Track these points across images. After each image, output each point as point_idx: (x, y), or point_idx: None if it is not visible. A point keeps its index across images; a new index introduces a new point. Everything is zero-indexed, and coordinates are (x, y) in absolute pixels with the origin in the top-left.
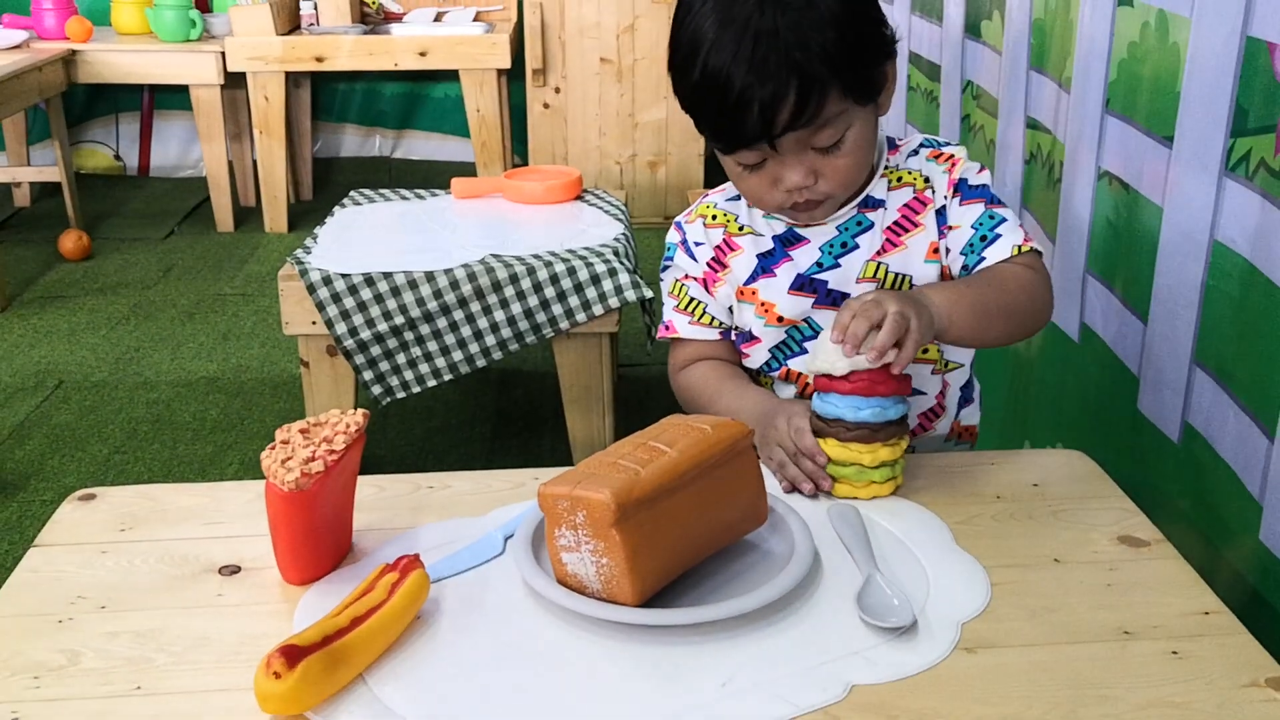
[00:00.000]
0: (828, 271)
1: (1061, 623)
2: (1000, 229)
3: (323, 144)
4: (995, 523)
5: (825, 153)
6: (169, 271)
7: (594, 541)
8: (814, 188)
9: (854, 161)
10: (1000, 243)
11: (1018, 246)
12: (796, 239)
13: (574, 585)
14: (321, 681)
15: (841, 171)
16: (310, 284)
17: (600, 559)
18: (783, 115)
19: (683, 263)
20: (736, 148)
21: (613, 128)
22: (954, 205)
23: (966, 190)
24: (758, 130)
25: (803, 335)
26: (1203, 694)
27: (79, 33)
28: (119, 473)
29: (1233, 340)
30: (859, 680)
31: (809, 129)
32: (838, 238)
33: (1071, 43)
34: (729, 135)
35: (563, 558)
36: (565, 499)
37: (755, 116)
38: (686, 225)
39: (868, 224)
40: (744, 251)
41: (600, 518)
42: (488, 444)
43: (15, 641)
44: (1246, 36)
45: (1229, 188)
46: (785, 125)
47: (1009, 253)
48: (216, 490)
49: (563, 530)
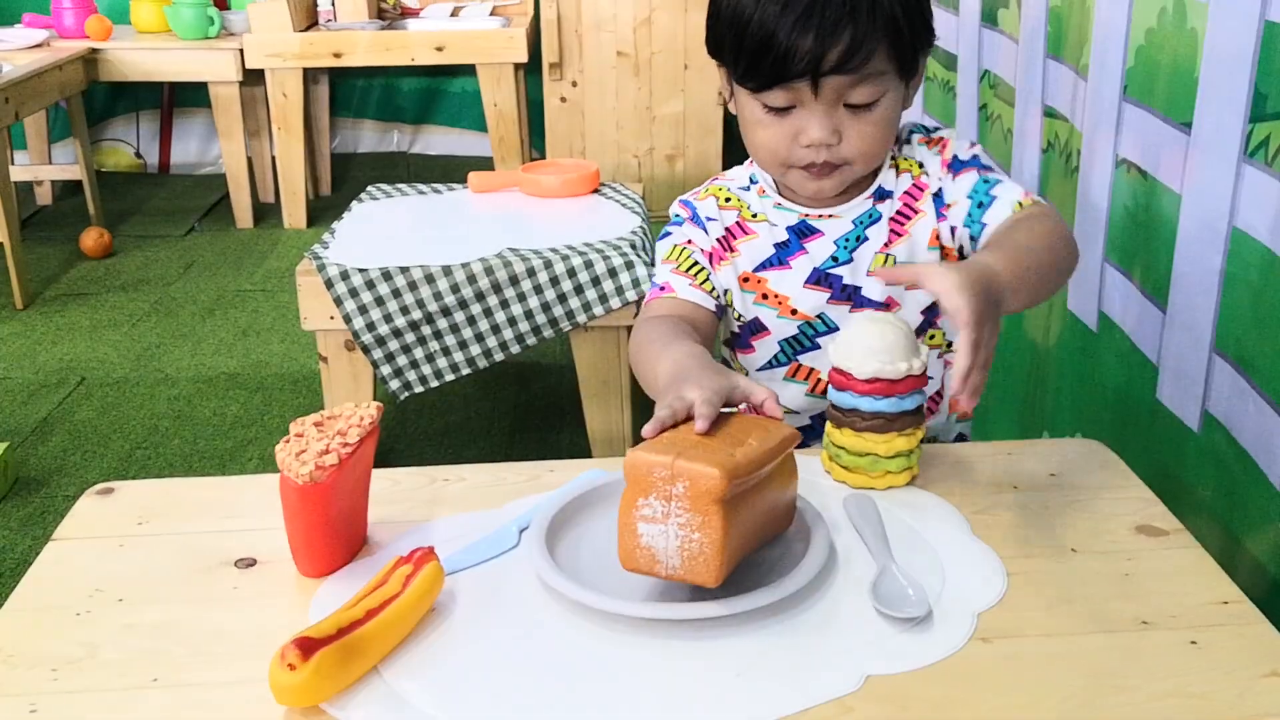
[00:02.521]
0: (842, 266)
1: (1079, 613)
2: (995, 190)
3: (341, 140)
4: (1012, 513)
5: (856, 112)
6: (189, 268)
7: (689, 515)
8: (836, 148)
9: (880, 132)
10: (998, 204)
11: (1018, 203)
12: (810, 231)
13: (644, 560)
14: (336, 674)
15: (866, 138)
16: (328, 279)
17: (691, 534)
18: (832, 55)
19: (690, 232)
20: (773, 84)
21: (630, 121)
22: (949, 183)
23: (958, 165)
24: (804, 65)
25: (815, 331)
26: (1222, 684)
27: (99, 31)
28: (140, 468)
29: (1253, 328)
30: (875, 670)
31: (853, 76)
32: (852, 231)
33: (1089, 30)
34: (771, 68)
35: (640, 529)
36: (664, 468)
37: (807, 50)
38: (696, 202)
39: (877, 216)
40: (759, 238)
41: (706, 490)
42: (506, 438)
43: (34, 634)
44: (1265, 21)
45: (1248, 174)
46: (833, 65)
47: (1010, 211)
48: (233, 484)
49: (650, 500)
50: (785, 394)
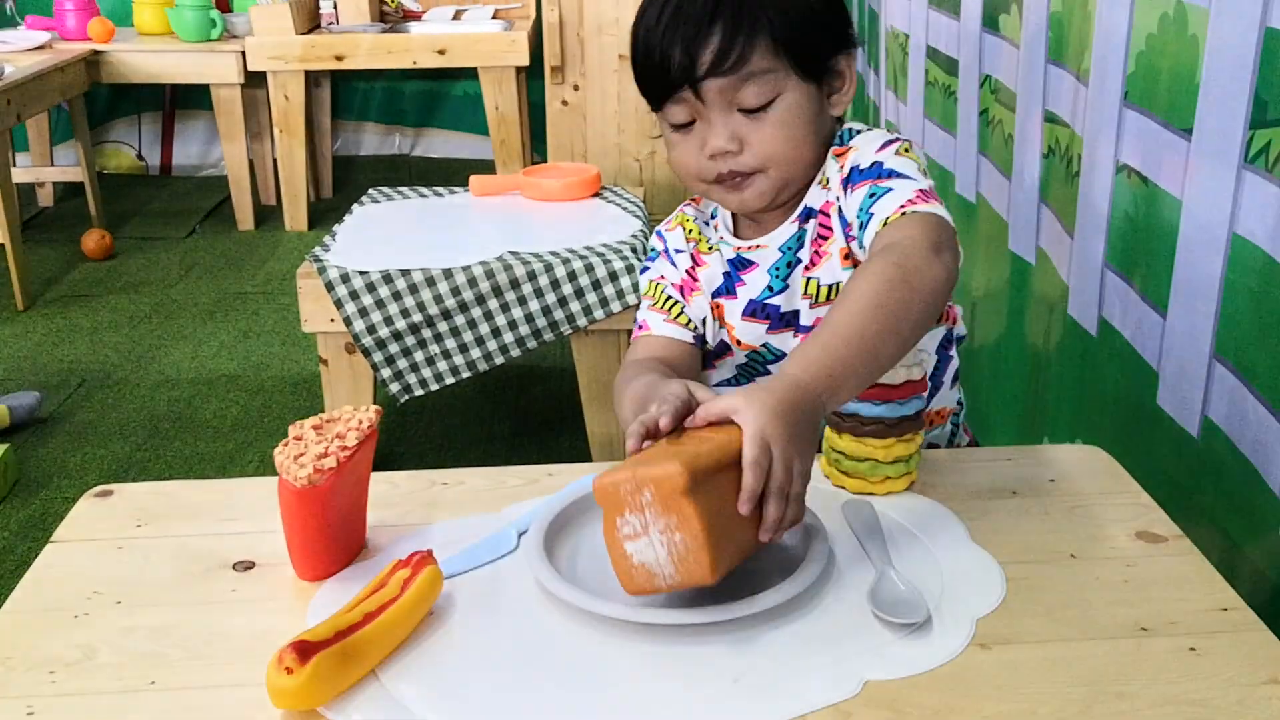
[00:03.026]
0: (778, 295)
1: (1078, 619)
2: (874, 208)
3: (342, 142)
4: (1011, 518)
5: (752, 116)
6: (190, 270)
7: (664, 519)
8: (739, 157)
9: (783, 134)
10: (871, 224)
11: (884, 219)
12: (746, 264)
13: (641, 579)
14: (334, 677)
15: (767, 141)
16: (328, 282)
17: (673, 536)
18: (705, 57)
19: (663, 268)
20: (663, 99)
21: (631, 125)
22: (845, 200)
23: (856, 177)
24: (680, 73)
25: (763, 359)
26: (1221, 691)
27: (101, 33)
28: (140, 470)
29: (1253, 334)
30: (872, 676)
31: (733, 77)
32: (781, 259)
33: (1089, 35)
34: (656, 82)
35: (627, 548)
36: (628, 481)
37: (679, 56)
38: (667, 234)
39: (804, 236)
40: (709, 268)
41: (671, 488)
42: (506, 442)
43: (31, 636)
44: (1266, 27)
45: (1248, 180)
46: (708, 68)
47: (874, 232)
48: (231, 486)
49: (626, 518)
50: None
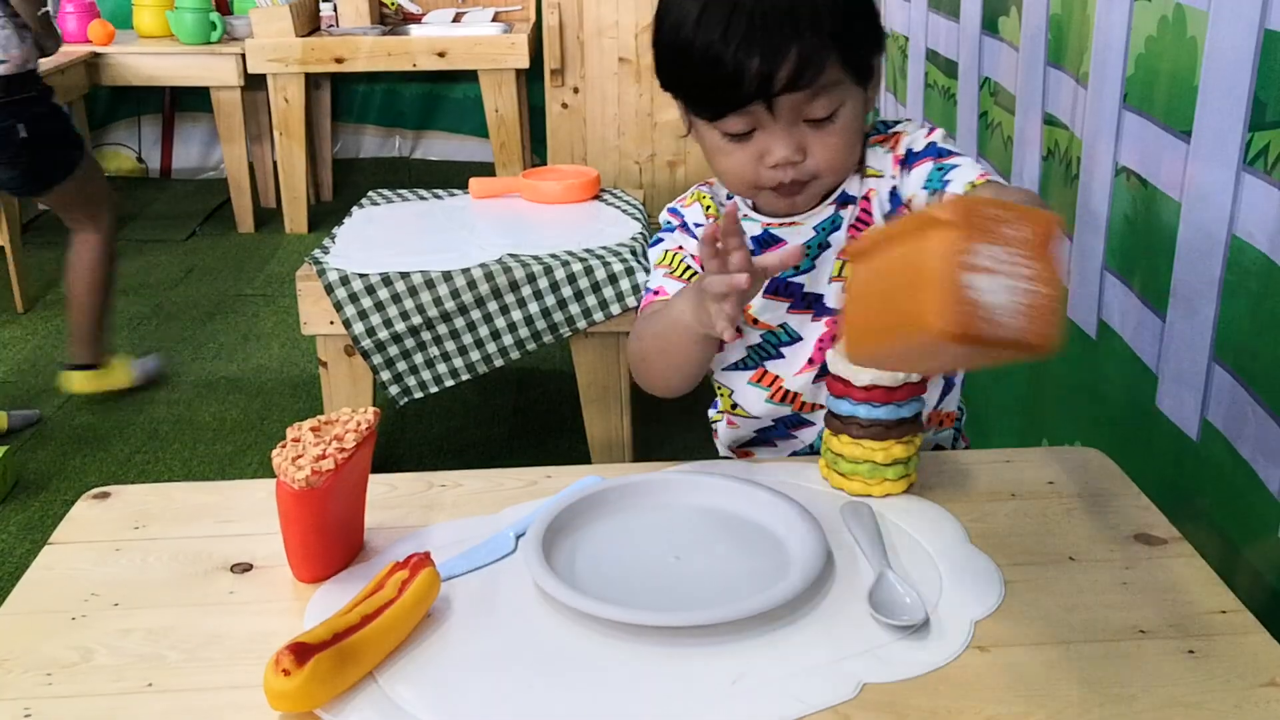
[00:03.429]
0: (803, 274)
1: (1076, 621)
2: (950, 175)
3: (342, 145)
4: (1010, 520)
5: (817, 126)
6: (190, 272)
7: (1034, 266)
8: (802, 165)
9: (845, 141)
10: (950, 188)
11: (970, 183)
12: (774, 240)
13: (974, 315)
14: (331, 679)
15: (831, 149)
16: (328, 284)
17: (1035, 287)
18: (782, 73)
19: (682, 239)
20: (728, 111)
21: (631, 127)
22: (903, 179)
23: (911, 158)
24: (755, 88)
25: (779, 340)
26: (1219, 694)
27: (101, 36)
28: (140, 472)
29: (1252, 336)
30: (871, 679)
31: (807, 92)
32: (814, 238)
33: (1089, 38)
34: (723, 95)
35: (971, 279)
36: (1009, 210)
37: (755, 72)
38: (683, 209)
39: (839, 221)
40: None
41: (1051, 237)
42: (506, 444)
43: (28, 638)
44: (1265, 29)
45: (1248, 182)
46: (784, 84)
47: (961, 190)
48: (229, 488)
49: (988, 249)
50: (747, 397)
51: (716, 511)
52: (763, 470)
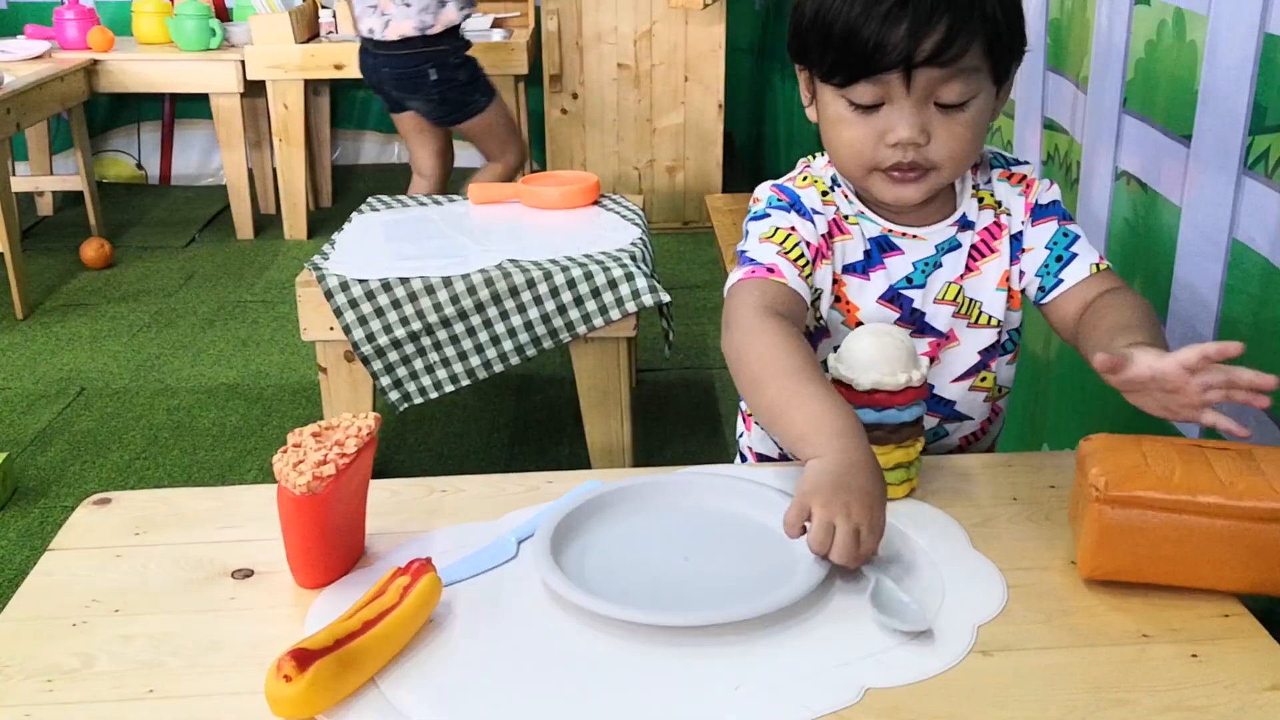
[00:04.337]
0: (915, 289)
1: (1079, 626)
2: (1075, 247)
3: (342, 151)
4: (1012, 525)
5: (946, 112)
6: (190, 279)
7: None
8: (924, 150)
9: (970, 134)
10: (1077, 262)
11: (1094, 265)
12: (891, 247)
13: None
14: (332, 685)
15: (956, 139)
16: (328, 290)
17: None
18: (927, 45)
19: (795, 220)
20: (861, 77)
21: (630, 133)
22: (1029, 229)
23: (1039, 212)
24: (897, 56)
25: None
26: (1223, 698)
27: (100, 42)
28: (139, 479)
29: (1252, 340)
30: (873, 683)
31: (947, 69)
32: (933, 256)
33: (1088, 42)
34: (861, 59)
35: None
36: None
37: (899, 40)
38: (798, 190)
39: (956, 244)
40: (852, 239)
41: None
42: (506, 450)
43: (29, 644)
44: (1264, 33)
45: (1248, 186)
46: (928, 55)
47: (1087, 272)
48: (230, 494)
49: None
50: None
51: (725, 513)
52: (768, 474)
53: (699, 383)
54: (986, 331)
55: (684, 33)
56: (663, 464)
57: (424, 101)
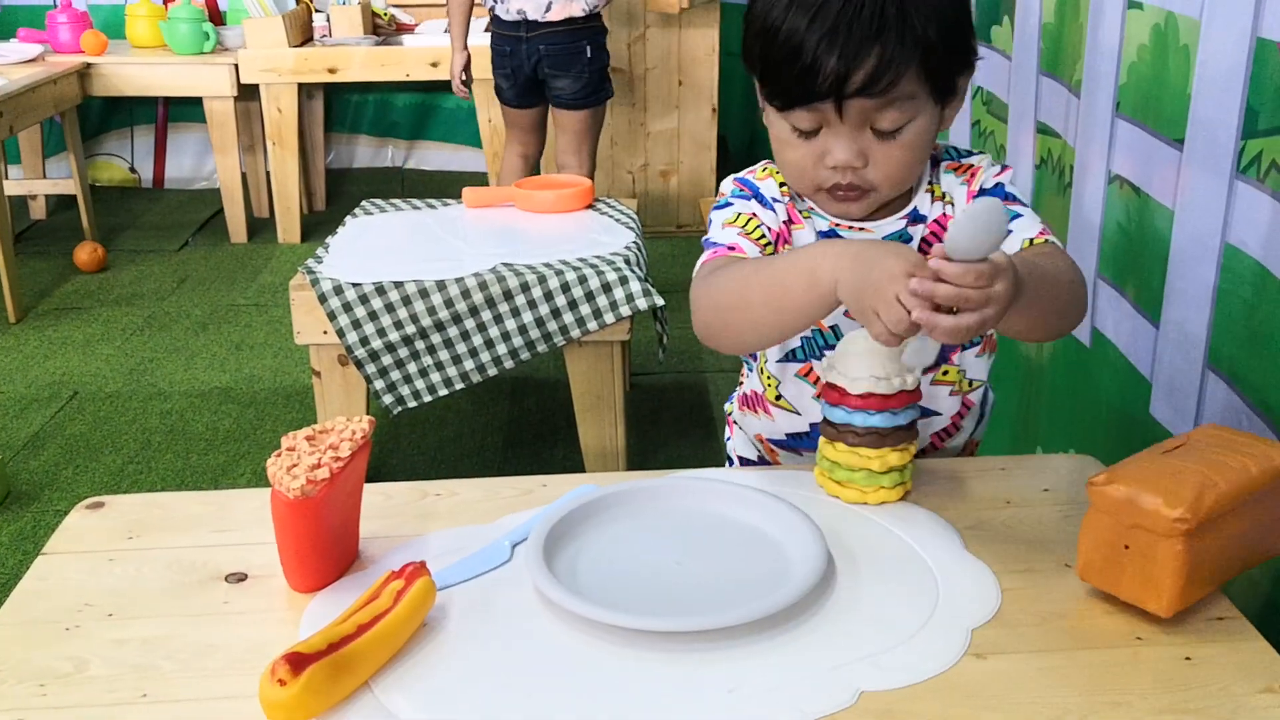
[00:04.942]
0: None
1: (1072, 628)
2: (1016, 223)
3: (336, 155)
4: (1006, 528)
5: (883, 137)
6: (183, 283)
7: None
8: (861, 173)
9: (909, 157)
10: (1010, 239)
11: (1029, 240)
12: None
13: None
14: (326, 689)
15: (893, 163)
16: (321, 293)
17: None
18: (858, 76)
19: (755, 208)
20: (798, 105)
21: (624, 137)
22: None
23: (982, 194)
24: (828, 87)
25: (825, 342)
26: (1216, 700)
27: (94, 46)
28: (132, 483)
29: (1246, 343)
30: (868, 686)
31: (879, 100)
32: None
33: (1081, 46)
34: (795, 89)
35: None
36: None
37: (830, 72)
38: (757, 181)
39: (908, 239)
40: (805, 230)
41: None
42: (500, 453)
43: (22, 649)
44: (1257, 38)
45: (1240, 190)
46: (860, 86)
47: (1017, 246)
48: (223, 498)
49: None
50: (793, 390)
51: (719, 517)
52: (758, 477)
53: (693, 386)
54: None
55: (677, 37)
56: (657, 468)
57: (574, 79)
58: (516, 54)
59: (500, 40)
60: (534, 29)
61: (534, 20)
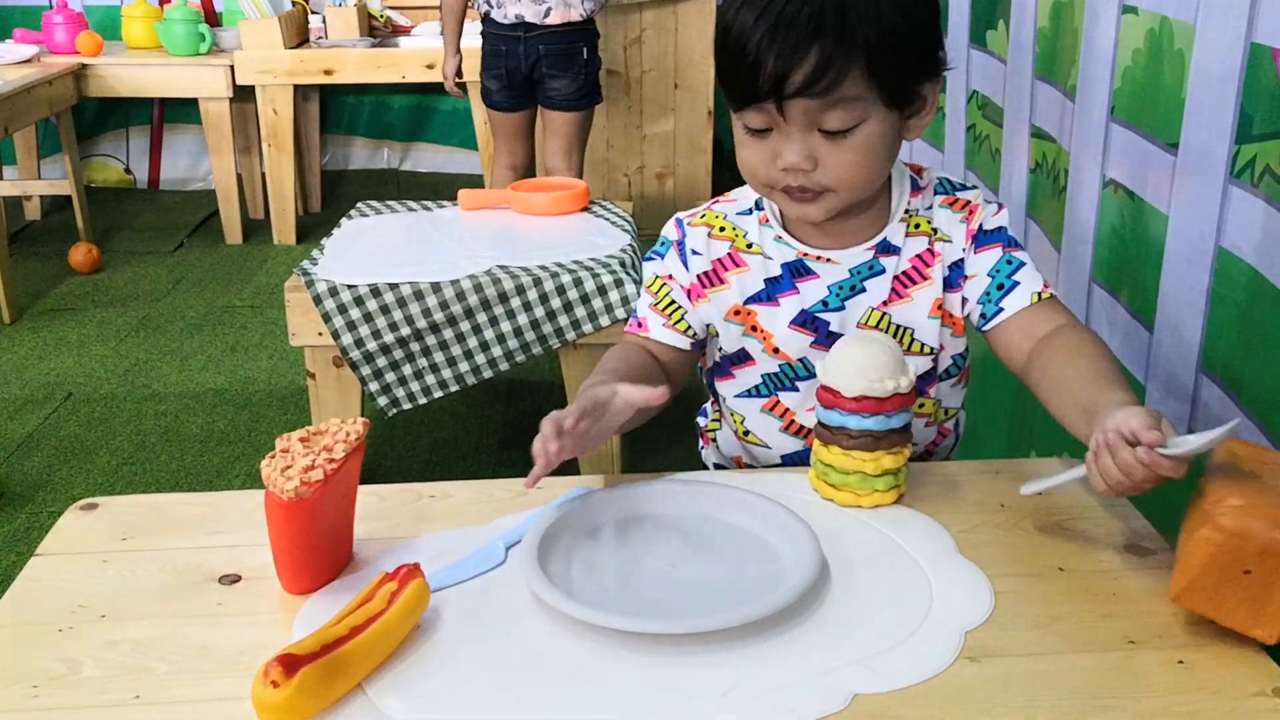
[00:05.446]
0: (831, 312)
1: (1066, 632)
2: (1018, 275)
3: (331, 156)
4: (999, 531)
5: (832, 138)
6: (178, 284)
7: None
8: (811, 175)
9: (860, 160)
10: (1018, 291)
11: (1037, 294)
12: (805, 271)
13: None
14: (319, 691)
15: (844, 165)
16: (316, 295)
17: None
18: (797, 76)
19: (671, 264)
20: (745, 104)
21: (620, 140)
22: (970, 255)
23: (983, 238)
24: (768, 88)
25: (796, 374)
26: (1209, 704)
27: (89, 47)
28: (127, 484)
29: (1239, 348)
30: (861, 690)
31: (820, 100)
32: (848, 280)
33: (1076, 51)
34: (741, 88)
35: None
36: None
37: (769, 72)
38: (689, 228)
39: (879, 269)
40: (750, 270)
41: None
42: (495, 456)
43: (15, 650)
44: (1251, 43)
45: (1234, 195)
46: (796, 89)
47: (1028, 301)
48: (217, 499)
49: None
50: (761, 425)
51: (713, 520)
52: (753, 480)
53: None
54: (919, 359)
55: (674, 39)
56: (651, 470)
57: (571, 80)
58: (513, 53)
59: (495, 40)
60: (533, 30)
61: (535, 23)
